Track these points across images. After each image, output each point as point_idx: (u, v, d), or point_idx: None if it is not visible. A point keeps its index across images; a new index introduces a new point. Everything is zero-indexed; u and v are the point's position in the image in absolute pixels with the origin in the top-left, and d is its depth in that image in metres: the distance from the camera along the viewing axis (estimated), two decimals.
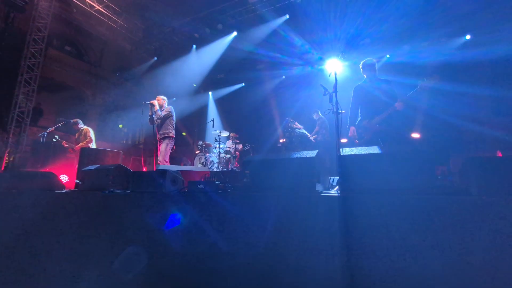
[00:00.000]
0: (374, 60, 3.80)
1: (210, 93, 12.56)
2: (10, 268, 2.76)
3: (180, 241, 2.14)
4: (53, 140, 6.41)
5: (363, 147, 2.06)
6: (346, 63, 8.11)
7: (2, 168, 7.63)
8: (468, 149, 7.35)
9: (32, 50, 8.43)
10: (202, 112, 12.34)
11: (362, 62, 3.85)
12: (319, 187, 2.13)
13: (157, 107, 5.05)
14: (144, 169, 7.61)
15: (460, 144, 7.35)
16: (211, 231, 2.06)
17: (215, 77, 12.07)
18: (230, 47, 10.20)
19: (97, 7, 9.73)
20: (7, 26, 8.21)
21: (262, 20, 8.98)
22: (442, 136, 7.19)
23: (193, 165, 8.36)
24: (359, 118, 3.78)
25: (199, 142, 8.76)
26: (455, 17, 7.38)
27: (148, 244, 2.27)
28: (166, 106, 5.32)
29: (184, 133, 11.84)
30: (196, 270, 2.04)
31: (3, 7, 8.30)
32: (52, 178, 3.51)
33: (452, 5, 7.11)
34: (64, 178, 5.41)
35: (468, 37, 7.56)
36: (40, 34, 8.60)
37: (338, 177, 2.27)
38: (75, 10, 10.82)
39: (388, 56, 8.49)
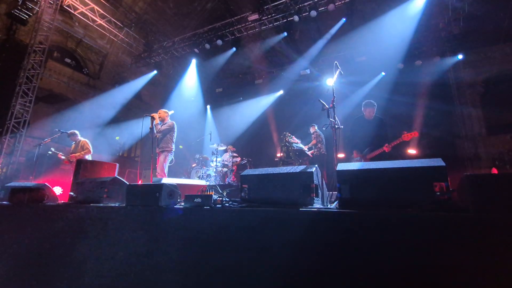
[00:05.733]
0: (375, 103, 4.50)
1: (208, 106, 12.65)
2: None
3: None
4: (49, 152, 6.32)
5: (361, 162, 2.06)
6: (343, 80, 8.27)
7: None
8: (464, 166, 7.42)
9: (32, 61, 8.48)
10: (199, 125, 12.37)
11: (364, 102, 4.53)
12: (317, 202, 2.11)
13: (157, 120, 5.02)
14: (139, 182, 7.51)
15: (456, 161, 7.42)
16: (207, 247, 2.01)
17: (214, 91, 12.20)
18: (229, 62, 10.39)
19: (99, 21, 9.91)
20: (9, 38, 8.30)
21: (261, 37, 9.21)
22: (438, 152, 7.27)
23: (190, 178, 8.27)
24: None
25: (196, 155, 8.72)
26: (447, 39, 7.63)
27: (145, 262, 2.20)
28: (169, 121, 5.28)
29: (181, 146, 11.80)
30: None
31: (7, 19, 8.42)
32: (45, 190, 3.44)
33: (444, 28, 7.38)
34: (58, 190, 5.31)
35: (460, 56, 7.78)
36: (41, 46, 8.68)
37: (336, 192, 2.26)
38: (77, 24, 11.02)
39: (383, 73, 8.69)
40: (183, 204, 2.52)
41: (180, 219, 2.23)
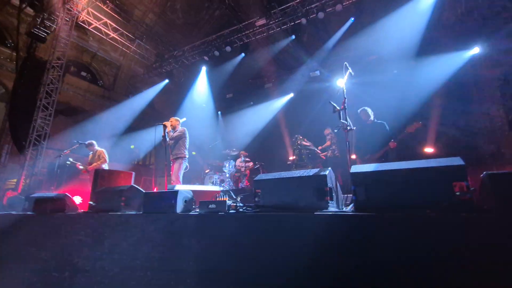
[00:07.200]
0: (369, 109, 4.80)
1: (219, 112, 12.78)
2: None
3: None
4: (67, 162, 6.57)
5: (376, 163, 2.02)
6: (354, 80, 8.15)
7: (19, 191, 7.81)
8: (485, 164, 7.10)
9: (51, 77, 8.88)
10: (211, 131, 12.50)
11: (359, 110, 4.83)
12: (332, 206, 2.08)
13: (169, 128, 5.13)
14: (155, 189, 7.65)
15: (476, 159, 7.13)
16: (222, 256, 2.02)
17: (224, 97, 12.32)
18: (239, 68, 10.49)
19: (112, 34, 10.27)
20: (29, 55, 8.74)
21: (269, 41, 9.25)
22: (456, 151, 7.01)
23: (203, 184, 8.35)
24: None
25: (209, 161, 8.80)
26: (462, 35, 7.40)
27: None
28: (180, 128, 5.40)
29: (194, 153, 11.95)
30: None
31: (27, 38, 8.89)
32: (65, 200, 3.56)
33: (459, 24, 7.17)
34: (77, 199, 5.48)
35: (477, 49, 7.49)
36: (59, 61, 9.08)
37: (351, 195, 2.22)
38: (91, 38, 11.48)
39: (395, 71, 8.50)
40: (198, 210, 2.55)
41: (196, 226, 2.26)
